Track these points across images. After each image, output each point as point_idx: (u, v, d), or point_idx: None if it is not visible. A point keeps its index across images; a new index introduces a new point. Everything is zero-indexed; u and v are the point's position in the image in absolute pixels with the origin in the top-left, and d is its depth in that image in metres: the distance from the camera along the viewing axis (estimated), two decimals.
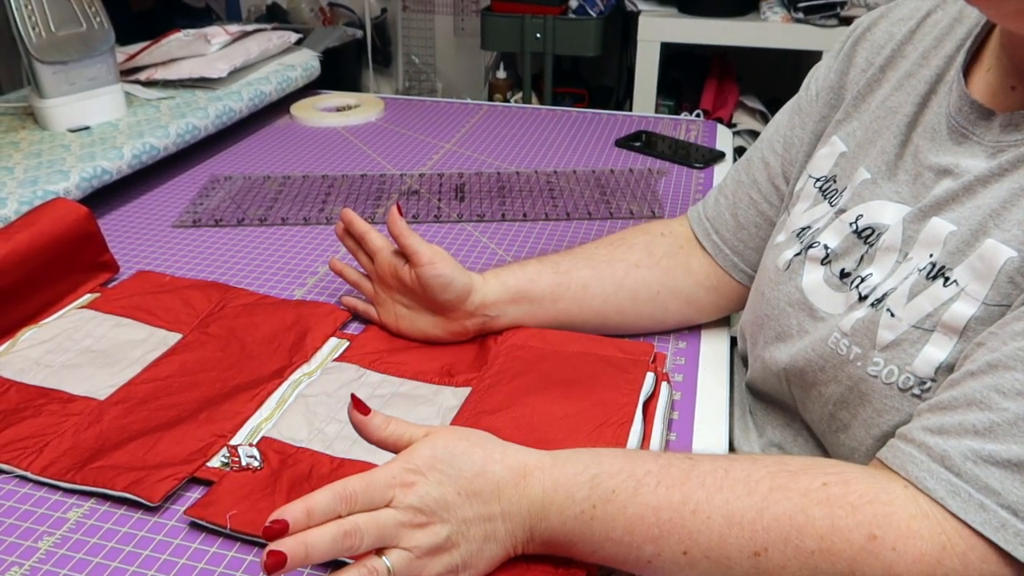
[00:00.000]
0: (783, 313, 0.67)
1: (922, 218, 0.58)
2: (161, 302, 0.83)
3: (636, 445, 0.63)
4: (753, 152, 0.79)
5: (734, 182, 0.80)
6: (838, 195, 0.67)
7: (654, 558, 0.50)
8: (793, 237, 0.70)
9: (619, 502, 0.51)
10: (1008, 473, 0.45)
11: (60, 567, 0.55)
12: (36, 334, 0.78)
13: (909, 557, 0.46)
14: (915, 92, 0.64)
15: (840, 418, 0.61)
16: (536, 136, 1.37)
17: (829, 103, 0.72)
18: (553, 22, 2.36)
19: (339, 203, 1.10)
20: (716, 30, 2.18)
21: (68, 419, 0.67)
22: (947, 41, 0.64)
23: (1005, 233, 0.52)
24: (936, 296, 0.55)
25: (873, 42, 0.70)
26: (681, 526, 0.50)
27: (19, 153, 1.09)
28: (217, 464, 0.62)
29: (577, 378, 0.70)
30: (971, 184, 0.56)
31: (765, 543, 0.48)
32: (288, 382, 0.72)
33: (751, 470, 0.51)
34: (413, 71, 3.04)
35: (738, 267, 0.79)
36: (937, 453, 0.48)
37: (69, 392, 0.70)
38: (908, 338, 0.56)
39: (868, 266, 0.61)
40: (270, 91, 1.40)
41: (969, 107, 0.58)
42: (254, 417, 0.68)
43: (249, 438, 0.65)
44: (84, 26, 1.16)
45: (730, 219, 0.79)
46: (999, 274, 0.51)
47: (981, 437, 0.47)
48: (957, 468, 0.47)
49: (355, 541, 0.48)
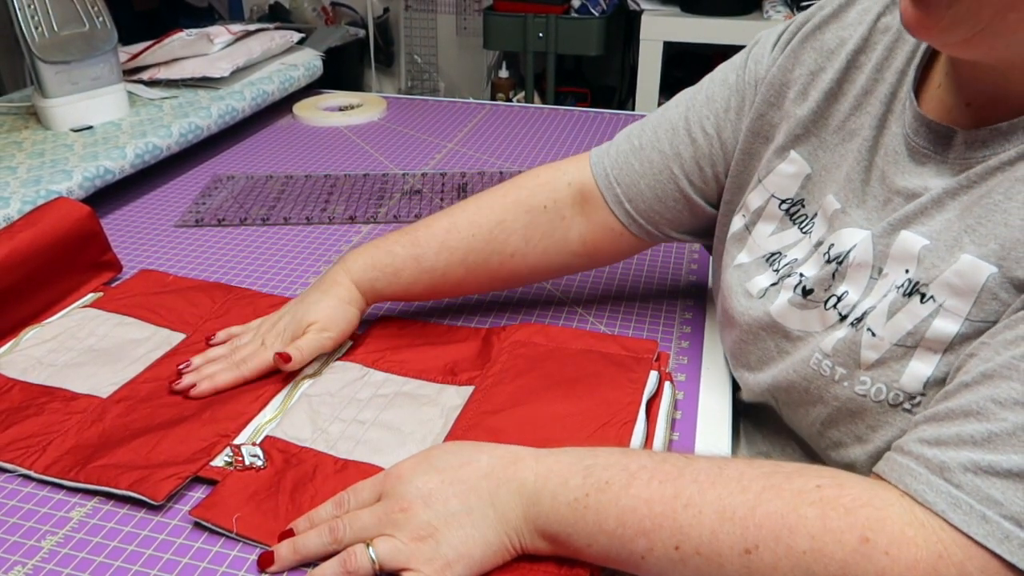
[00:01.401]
0: (758, 338, 0.67)
1: (891, 232, 0.57)
2: (164, 301, 0.83)
3: (639, 444, 0.63)
4: (679, 118, 0.75)
5: (653, 148, 0.75)
6: (809, 221, 0.66)
7: (647, 553, 0.50)
8: (762, 262, 0.69)
9: (612, 492, 0.51)
10: (1010, 483, 0.45)
11: (63, 566, 0.55)
12: (39, 333, 0.78)
13: (903, 563, 0.45)
14: (872, 112, 0.62)
15: (830, 436, 0.61)
16: (538, 136, 1.37)
17: (767, 100, 0.70)
18: (556, 21, 2.36)
19: (341, 202, 1.10)
20: (719, 29, 2.18)
21: (71, 417, 0.67)
22: (898, 52, 0.62)
23: (982, 248, 0.51)
24: (915, 313, 0.54)
25: (823, 44, 0.67)
26: (673, 520, 0.49)
27: (22, 153, 1.09)
28: (221, 463, 0.62)
29: (580, 376, 0.70)
30: (939, 197, 0.55)
31: (756, 540, 0.48)
32: (291, 383, 0.72)
33: (745, 469, 0.51)
34: (415, 70, 3.04)
35: (651, 234, 0.78)
36: (935, 465, 0.47)
37: (72, 391, 0.70)
38: (892, 356, 0.55)
39: (841, 283, 0.60)
40: (272, 91, 1.40)
41: (926, 128, 0.57)
42: (258, 417, 0.68)
43: (252, 437, 0.65)
44: (87, 26, 1.16)
45: (647, 190, 0.75)
46: (982, 291, 0.50)
47: (980, 448, 0.46)
48: (957, 480, 0.46)
49: (339, 534, 0.53)
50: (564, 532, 0.52)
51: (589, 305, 0.86)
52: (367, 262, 0.77)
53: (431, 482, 0.53)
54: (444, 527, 0.52)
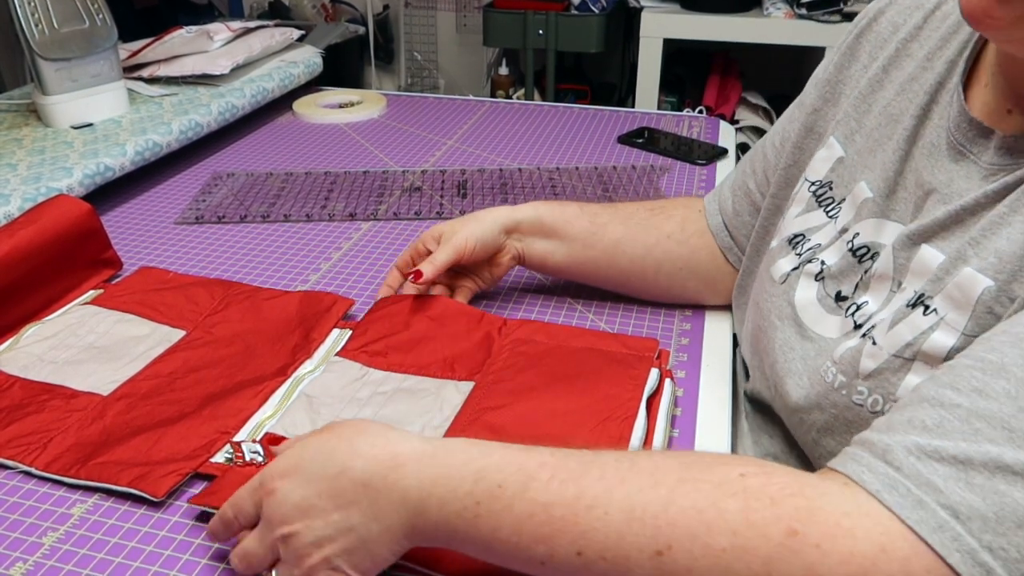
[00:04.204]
0: (772, 326, 0.66)
1: (911, 245, 0.56)
2: (165, 299, 0.83)
3: (639, 441, 0.63)
4: (760, 143, 0.80)
5: (740, 171, 0.82)
6: (835, 205, 0.66)
7: (547, 559, 0.46)
8: (785, 244, 0.69)
9: (506, 498, 0.46)
10: (953, 470, 0.41)
11: (64, 563, 0.55)
12: (40, 330, 0.78)
13: (836, 556, 0.41)
14: (916, 100, 0.61)
15: (824, 445, 0.60)
16: (538, 133, 1.37)
17: (823, 96, 0.71)
18: (556, 18, 2.36)
19: (342, 200, 1.10)
20: (719, 26, 2.18)
21: (72, 415, 0.67)
22: (952, 42, 0.61)
23: (982, 261, 0.50)
24: (916, 325, 0.53)
25: (878, 34, 0.68)
26: (575, 524, 0.45)
27: (22, 150, 1.09)
28: (221, 460, 0.63)
29: (581, 373, 0.70)
30: (960, 214, 0.54)
31: (669, 540, 0.43)
32: (291, 379, 0.72)
33: (661, 462, 0.47)
34: (415, 67, 3.04)
35: (732, 251, 0.81)
36: (880, 448, 0.44)
37: (73, 388, 0.70)
38: (890, 367, 0.54)
39: (864, 293, 0.60)
40: (272, 88, 1.40)
41: (968, 124, 0.56)
42: (258, 414, 0.68)
43: (253, 434, 0.66)
44: (87, 23, 1.16)
45: (731, 205, 0.81)
46: (977, 304, 0.49)
47: (928, 433, 0.43)
48: (898, 462, 0.42)
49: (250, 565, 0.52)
50: (457, 542, 0.48)
51: (590, 303, 0.86)
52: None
53: (308, 496, 0.49)
54: (330, 545, 0.48)
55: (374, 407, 0.68)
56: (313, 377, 0.72)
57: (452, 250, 0.78)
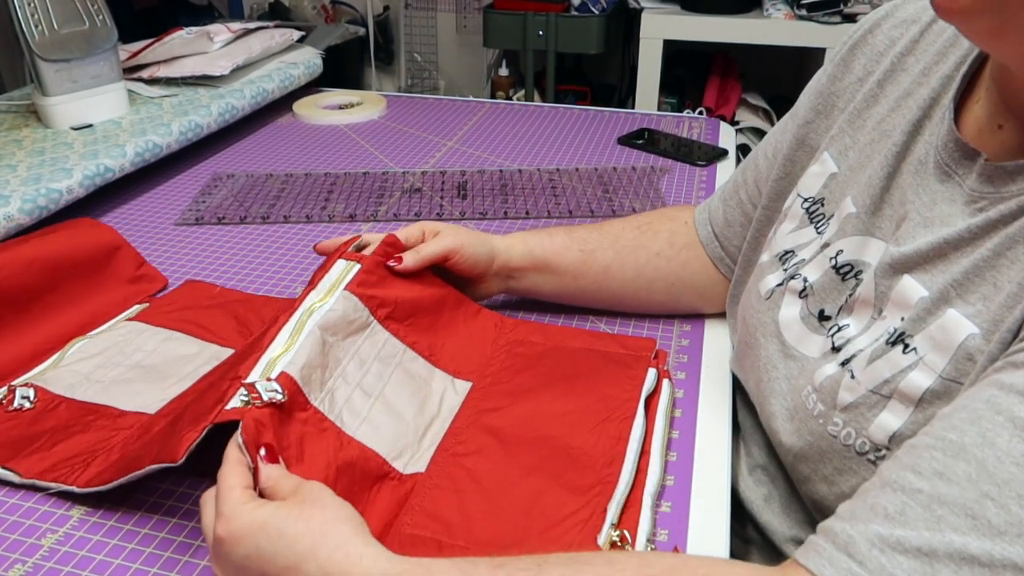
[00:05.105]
0: (757, 343, 0.66)
1: (893, 274, 0.55)
2: (212, 316, 0.81)
3: (638, 441, 0.63)
4: (754, 153, 0.80)
5: (733, 180, 0.81)
6: (824, 221, 0.65)
7: None
8: (775, 261, 0.68)
9: None
10: (917, 563, 0.39)
11: (63, 564, 0.55)
12: (85, 347, 0.77)
13: None
14: (909, 115, 0.60)
15: (800, 470, 0.60)
16: (538, 134, 1.37)
17: (815, 108, 0.70)
18: (556, 19, 2.36)
19: (341, 201, 1.10)
20: (719, 27, 2.18)
21: (118, 434, 0.65)
22: (949, 56, 0.59)
23: (969, 307, 0.49)
24: (895, 362, 0.52)
25: (873, 47, 0.66)
26: None
27: (22, 151, 1.09)
28: (237, 404, 0.56)
29: (579, 374, 0.70)
30: (943, 248, 0.52)
31: None
32: (299, 311, 0.66)
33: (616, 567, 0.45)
34: (415, 69, 3.04)
35: (723, 261, 0.81)
36: (842, 540, 0.42)
37: (120, 408, 0.68)
38: (866, 402, 0.53)
39: (847, 316, 0.59)
40: (272, 89, 1.40)
41: (954, 144, 0.55)
42: (268, 352, 0.62)
43: (267, 372, 0.60)
44: (87, 24, 1.16)
45: (722, 215, 0.80)
46: (958, 349, 0.49)
47: (891, 521, 0.41)
48: (861, 556, 0.41)
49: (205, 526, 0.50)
50: None
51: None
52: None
53: (249, 567, 0.47)
54: None
55: (375, 378, 0.65)
56: (324, 309, 0.66)
57: (441, 247, 0.76)
